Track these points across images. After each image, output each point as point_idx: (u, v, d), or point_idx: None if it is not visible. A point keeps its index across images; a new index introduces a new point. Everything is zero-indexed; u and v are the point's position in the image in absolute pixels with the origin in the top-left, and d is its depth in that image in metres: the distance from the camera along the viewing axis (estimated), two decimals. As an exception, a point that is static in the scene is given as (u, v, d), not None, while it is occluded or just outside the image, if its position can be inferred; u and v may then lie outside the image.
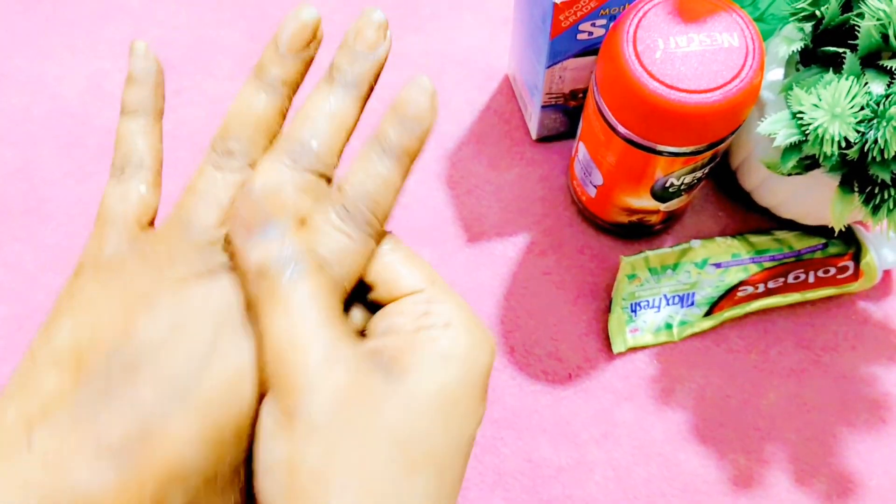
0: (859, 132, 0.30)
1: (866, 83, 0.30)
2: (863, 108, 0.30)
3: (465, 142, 0.44)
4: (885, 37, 0.30)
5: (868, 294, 0.41)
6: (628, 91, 0.29)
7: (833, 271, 0.40)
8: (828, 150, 0.29)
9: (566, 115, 0.42)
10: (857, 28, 0.30)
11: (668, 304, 0.40)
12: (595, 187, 0.38)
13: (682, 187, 0.35)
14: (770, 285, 0.39)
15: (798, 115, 0.31)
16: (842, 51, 0.31)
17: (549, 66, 0.37)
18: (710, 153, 0.32)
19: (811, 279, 0.39)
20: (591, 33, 0.35)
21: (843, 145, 0.30)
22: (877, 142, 0.29)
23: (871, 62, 0.31)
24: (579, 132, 0.37)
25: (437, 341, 0.23)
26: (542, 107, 0.40)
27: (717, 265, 0.40)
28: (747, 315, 0.40)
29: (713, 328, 0.40)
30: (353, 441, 0.21)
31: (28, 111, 0.46)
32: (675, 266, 0.40)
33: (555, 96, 0.40)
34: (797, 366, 0.39)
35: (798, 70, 0.33)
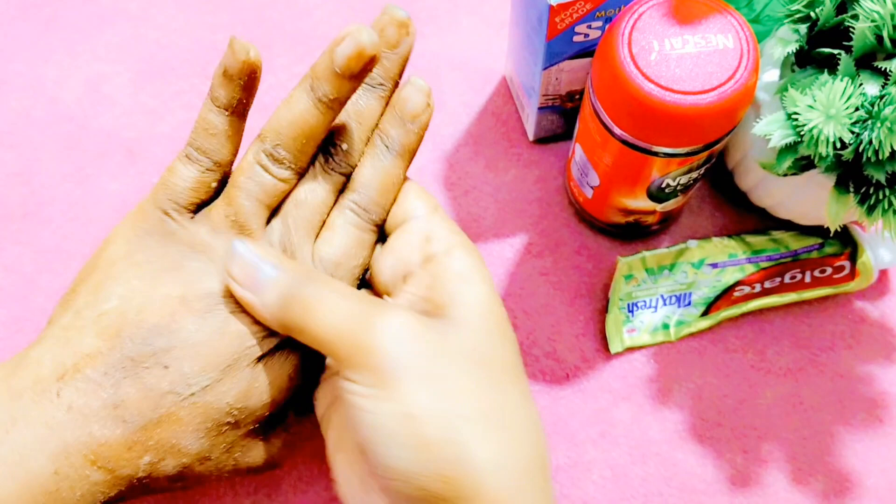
0: (854, 133, 0.30)
1: (861, 84, 0.30)
2: (857, 109, 0.30)
3: (462, 143, 0.45)
4: (879, 38, 0.30)
5: (864, 294, 0.41)
6: (624, 93, 0.30)
7: (829, 271, 0.40)
8: (823, 150, 0.30)
9: (563, 116, 0.42)
10: (851, 29, 0.31)
11: (664, 305, 0.40)
12: (592, 188, 0.38)
13: (679, 188, 0.35)
14: (767, 285, 0.40)
15: (793, 116, 0.31)
16: (837, 52, 0.31)
17: (545, 68, 0.37)
18: (705, 154, 0.32)
19: (808, 279, 0.40)
20: (587, 35, 0.35)
21: (838, 146, 0.30)
22: (871, 142, 0.29)
23: (865, 63, 0.31)
24: (576, 133, 0.38)
25: (450, 268, 0.26)
26: (539, 108, 0.41)
27: (714, 265, 0.40)
28: (744, 315, 0.40)
29: (710, 328, 0.40)
30: (449, 377, 0.23)
31: (27, 114, 0.46)
32: (671, 266, 0.40)
33: (551, 98, 0.40)
34: (794, 365, 0.40)
35: (793, 71, 0.34)
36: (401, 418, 0.22)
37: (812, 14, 0.32)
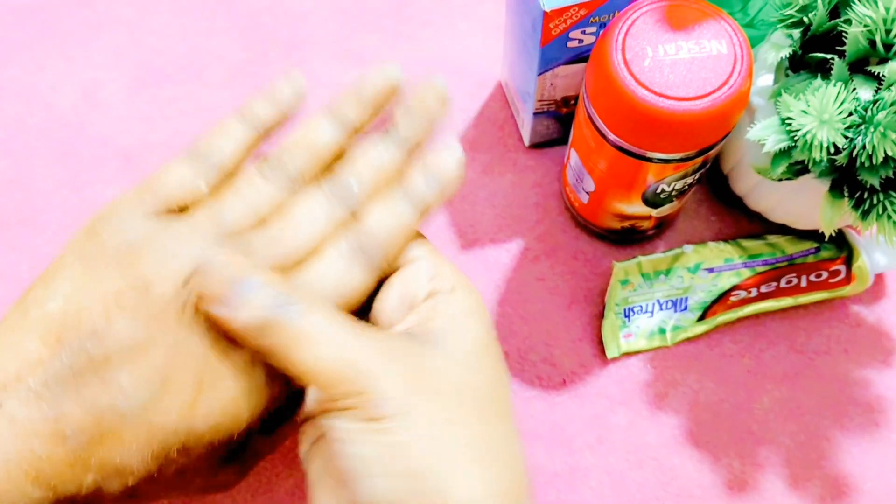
0: (847, 138, 0.30)
1: (854, 89, 0.30)
2: (851, 114, 0.30)
3: (458, 148, 0.45)
4: (872, 43, 0.30)
5: (860, 298, 0.41)
6: (617, 99, 0.30)
7: (825, 275, 0.40)
8: (816, 155, 0.30)
9: (559, 121, 0.42)
10: (844, 34, 0.31)
11: (661, 309, 0.40)
12: (587, 193, 0.38)
13: (674, 193, 0.35)
14: (763, 289, 0.40)
15: (787, 121, 0.31)
16: (830, 57, 0.31)
17: (540, 73, 0.37)
18: (700, 159, 0.32)
19: (803, 283, 0.40)
20: (581, 41, 0.35)
21: (832, 151, 0.30)
22: (865, 147, 0.29)
23: (858, 68, 0.31)
24: (571, 139, 0.38)
25: (452, 303, 0.25)
26: (535, 113, 0.41)
27: (710, 270, 0.40)
28: (740, 319, 0.40)
29: (706, 333, 0.40)
30: (436, 411, 0.23)
31: (22, 121, 0.46)
32: (667, 271, 0.40)
33: (547, 103, 0.40)
34: (790, 369, 0.40)
35: (787, 76, 0.34)
36: (389, 448, 0.22)
37: (805, 19, 0.32)
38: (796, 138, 0.30)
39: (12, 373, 0.23)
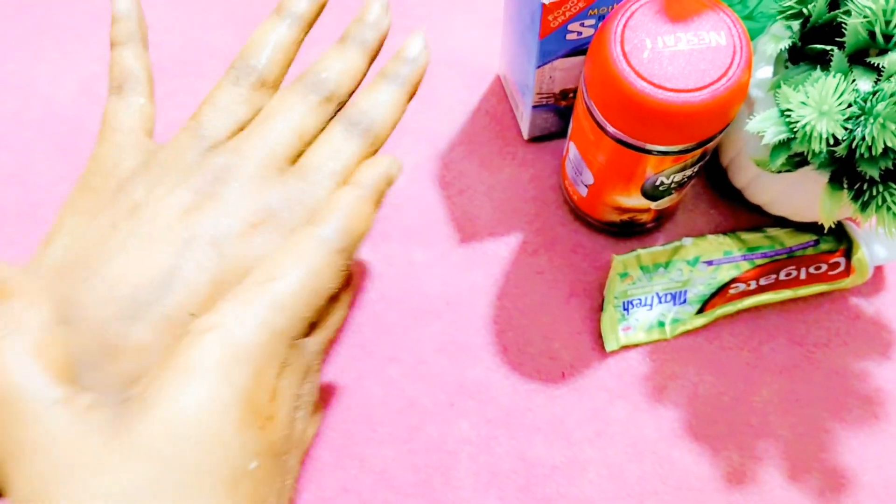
0: (847, 129, 0.30)
1: (854, 80, 0.30)
2: (850, 106, 0.30)
3: (456, 142, 0.44)
4: (871, 34, 0.30)
5: (859, 290, 0.41)
6: (616, 91, 0.30)
7: (824, 268, 0.40)
8: (816, 147, 0.30)
9: (558, 114, 0.42)
10: (844, 25, 0.30)
11: (660, 302, 0.40)
12: (586, 186, 0.38)
13: (673, 186, 0.35)
14: (762, 282, 0.40)
15: (786, 113, 0.31)
16: (829, 48, 0.31)
17: (539, 66, 0.37)
18: (699, 151, 0.32)
19: (803, 276, 0.40)
20: (580, 33, 0.35)
21: (832, 142, 0.30)
22: (864, 139, 0.29)
23: (858, 59, 0.31)
24: (570, 132, 0.37)
25: (180, 356, 0.20)
26: (534, 106, 0.40)
27: (709, 263, 0.40)
28: (739, 312, 0.40)
29: (705, 326, 0.40)
30: (90, 480, 0.18)
31: (21, 115, 0.46)
32: (666, 264, 0.40)
33: (546, 96, 0.40)
34: (789, 362, 0.40)
35: (786, 68, 0.33)
36: None
37: (804, 10, 0.32)
38: (795, 130, 0.30)
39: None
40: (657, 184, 0.35)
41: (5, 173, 0.45)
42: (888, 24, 0.30)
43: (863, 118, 0.29)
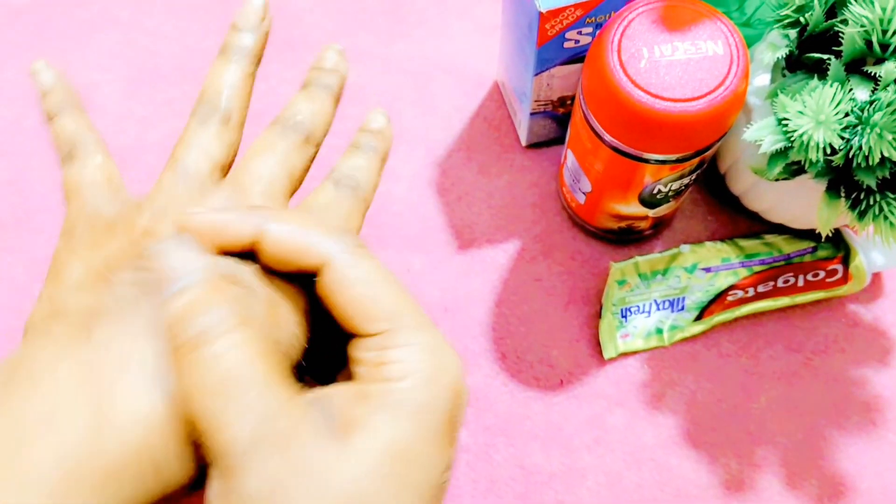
0: (844, 138, 0.30)
1: (851, 89, 0.30)
2: (847, 115, 0.30)
3: (455, 149, 0.44)
4: (868, 43, 0.30)
5: (857, 297, 0.41)
6: (613, 100, 0.30)
7: (822, 275, 0.40)
8: (813, 156, 0.30)
9: (555, 121, 0.42)
10: (841, 34, 0.31)
11: (658, 309, 0.40)
12: (584, 194, 0.38)
13: (670, 193, 0.35)
14: (760, 289, 0.40)
15: (783, 122, 0.31)
16: (826, 57, 0.31)
17: (536, 74, 0.37)
18: (696, 160, 0.32)
19: (801, 283, 0.40)
20: (577, 41, 0.35)
21: (829, 151, 0.30)
22: (861, 148, 0.29)
23: (855, 68, 0.31)
24: (567, 139, 0.38)
25: (390, 395, 0.21)
26: (532, 114, 0.41)
27: (707, 270, 0.40)
28: (737, 319, 0.40)
29: (704, 332, 0.40)
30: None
31: (18, 123, 0.46)
32: (664, 271, 0.40)
33: (543, 103, 0.40)
34: (787, 369, 0.40)
35: (784, 76, 0.34)
36: None
37: (802, 19, 0.32)
38: (793, 139, 0.30)
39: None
40: (655, 192, 0.35)
41: (3, 181, 0.44)
42: (885, 33, 0.30)
43: (860, 127, 0.29)
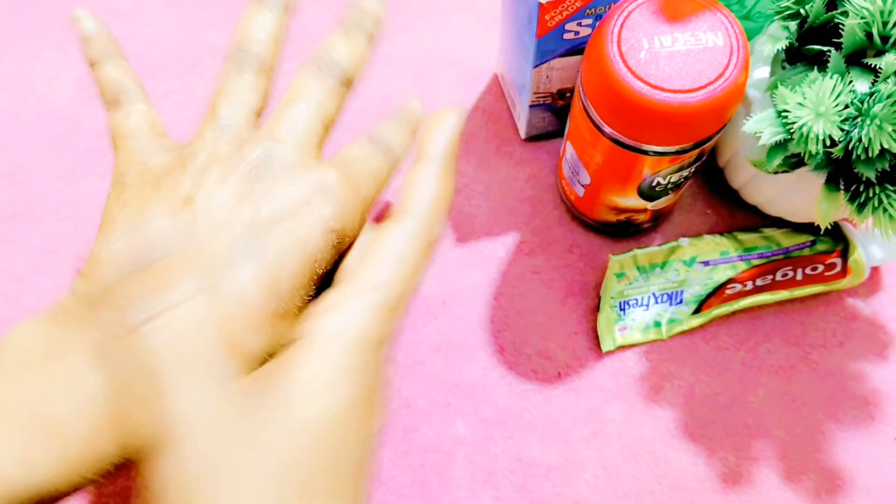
0: (844, 130, 0.30)
1: (851, 81, 0.30)
2: (847, 107, 0.30)
3: (454, 141, 0.44)
4: (869, 35, 0.30)
5: (856, 291, 0.41)
6: (613, 91, 0.30)
7: (821, 268, 0.40)
8: (812, 148, 0.29)
9: (555, 114, 0.42)
10: (841, 26, 0.30)
11: (656, 303, 0.40)
12: (583, 186, 0.38)
13: (669, 186, 0.35)
14: (758, 283, 0.40)
15: (783, 114, 0.31)
16: (826, 49, 0.31)
17: (536, 66, 0.37)
18: (696, 152, 0.32)
19: (799, 276, 0.40)
20: (577, 33, 0.35)
21: (828, 144, 0.30)
22: (861, 140, 0.29)
23: (855, 60, 0.31)
24: (566, 132, 0.37)
25: (327, 326, 0.22)
26: (531, 106, 0.40)
27: (706, 263, 0.40)
28: (736, 313, 0.40)
29: (702, 326, 0.40)
30: (233, 481, 0.20)
31: (17, 114, 0.46)
32: (663, 264, 0.40)
33: (543, 95, 0.40)
34: (786, 363, 0.40)
35: (784, 68, 0.33)
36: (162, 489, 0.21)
37: (802, 11, 0.32)
38: (792, 131, 0.30)
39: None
40: (654, 184, 0.35)
41: (1, 172, 0.44)
42: (885, 25, 0.30)
43: (860, 120, 0.29)
